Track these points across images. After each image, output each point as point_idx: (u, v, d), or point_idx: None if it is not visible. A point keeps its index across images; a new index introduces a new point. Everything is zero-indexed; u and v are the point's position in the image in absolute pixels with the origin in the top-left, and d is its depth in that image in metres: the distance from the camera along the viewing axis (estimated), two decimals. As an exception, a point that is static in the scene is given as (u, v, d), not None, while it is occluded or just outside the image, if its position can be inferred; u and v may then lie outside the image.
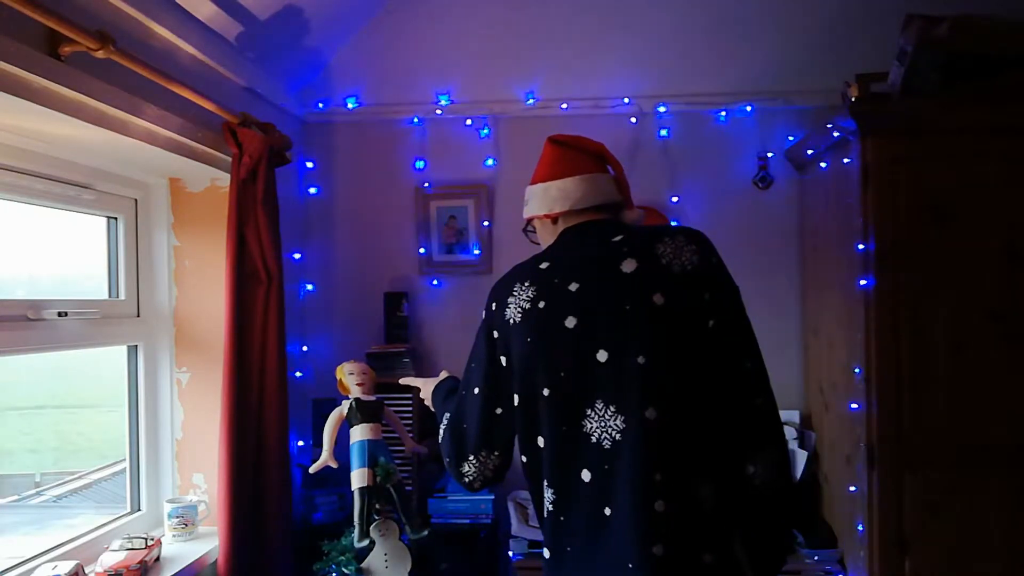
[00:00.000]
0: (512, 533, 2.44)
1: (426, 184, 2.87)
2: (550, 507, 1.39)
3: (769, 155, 2.77)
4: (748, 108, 2.76)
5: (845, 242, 2.27)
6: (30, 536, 2.28)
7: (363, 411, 2.10)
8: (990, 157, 2.14)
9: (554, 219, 1.52)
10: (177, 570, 1.94)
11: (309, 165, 2.90)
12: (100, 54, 1.55)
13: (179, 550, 2.07)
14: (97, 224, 2.17)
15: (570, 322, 1.36)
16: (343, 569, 2.03)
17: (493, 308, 1.49)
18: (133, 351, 2.24)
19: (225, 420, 2.02)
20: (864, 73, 2.28)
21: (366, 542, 1.98)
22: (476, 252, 2.85)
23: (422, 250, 2.87)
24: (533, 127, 2.83)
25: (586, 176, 1.49)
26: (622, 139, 2.81)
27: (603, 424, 1.32)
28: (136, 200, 2.24)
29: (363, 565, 2.03)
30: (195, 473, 2.27)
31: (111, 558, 1.85)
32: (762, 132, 2.78)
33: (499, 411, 1.48)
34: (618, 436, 1.30)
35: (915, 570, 2.12)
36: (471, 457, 1.50)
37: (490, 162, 2.86)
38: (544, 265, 1.46)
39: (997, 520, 2.11)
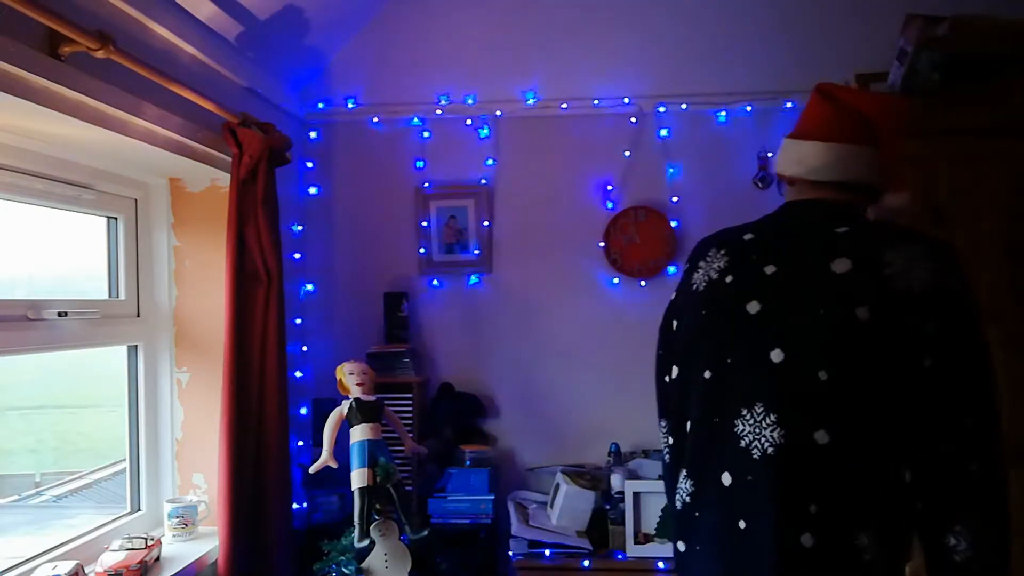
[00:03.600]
0: (512, 533, 2.43)
1: (426, 184, 2.87)
2: (686, 499, 1.29)
3: (769, 155, 2.76)
4: (748, 108, 2.76)
5: (845, 242, 2.26)
6: (30, 536, 2.27)
7: (363, 411, 2.10)
8: (990, 157, 2.14)
9: (790, 181, 1.34)
10: (177, 570, 1.94)
11: (309, 165, 2.90)
12: (100, 54, 1.55)
13: (179, 550, 2.07)
14: (97, 224, 2.17)
15: (752, 307, 1.22)
16: (343, 569, 2.03)
17: (686, 268, 1.39)
18: (133, 351, 2.24)
19: (225, 420, 2.02)
20: (864, 73, 2.28)
21: (366, 542, 1.98)
22: (476, 252, 2.84)
23: (422, 250, 2.86)
24: (533, 127, 2.84)
25: (834, 145, 1.26)
26: (622, 139, 2.81)
27: (757, 431, 1.17)
28: (136, 200, 2.24)
29: (363, 565, 2.03)
30: (195, 473, 2.27)
31: (111, 558, 1.85)
32: (762, 132, 2.77)
33: (667, 379, 1.39)
34: (771, 450, 1.15)
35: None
36: (659, 423, 1.44)
37: (490, 162, 2.86)
38: (748, 236, 1.30)
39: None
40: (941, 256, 1.16)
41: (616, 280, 2.82)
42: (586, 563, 2.33)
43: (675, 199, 2.80)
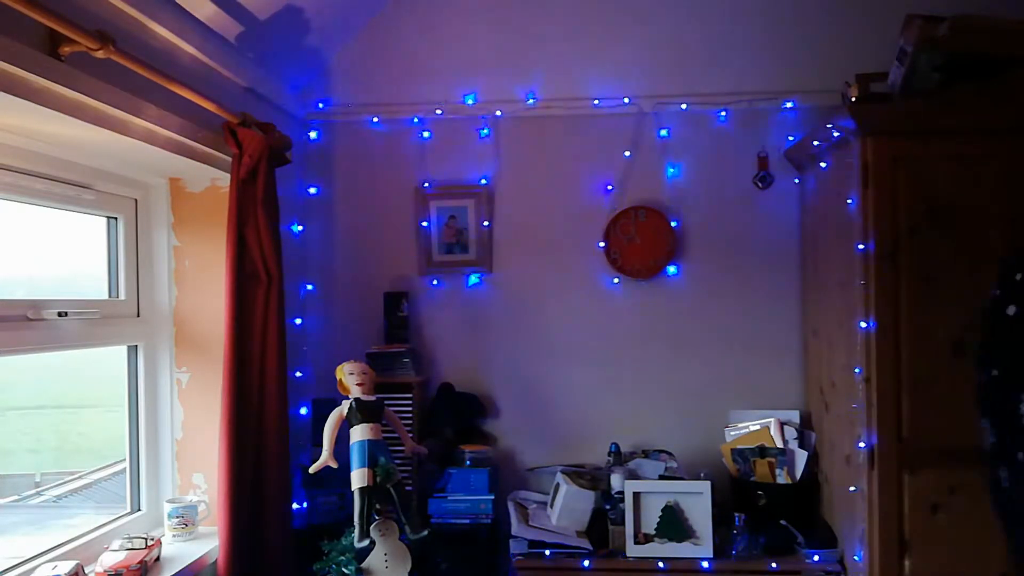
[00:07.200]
0: (512, 533, 2.43)
1: (426, 184, 2.87)
2: None
3: (769, 155, 2.77)
4: (748, 108, 2.76)
5: (845, 242, 2.27)
6: (30, 536, 2.27)
7: (363, 411, 2.10)
8: (990, 157, 2.14)
9: None
10: (177, 570, 1.94)
11: (309, 165, 2.90)
12: (100, 54, 1.55)
13: (179, 550, 2.07)
14: (97, 224, 2.17)
15: None
16: (343, 569, 2.03)
17: None
18: (133, 351, 2.24)
19: (225, 420, 2.02)
20: (864, 73, 2.28)
21: (366, 542, 1.98)
22: (476, 252, 2.84)
23: (422, 250, 2.86)
24: (533, 127, 2.84)
25: None
26: (622, 139, 2.81)
27: None
28: (136, 200, 2.24)
29: (363, 565, 2.03)
30: (195, 473, 2.27)
31: (111, 558, 1.85)
32: (762, 132, 2.78)
33: None
34: None
35: (915, 570, 2.12)
36: None
37: (490, 162, 2.86)
38: None
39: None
40: None
41: (616, 280, 2.82)
42: (586, 563, 2.33)
43: (675, 199, 2.80)
